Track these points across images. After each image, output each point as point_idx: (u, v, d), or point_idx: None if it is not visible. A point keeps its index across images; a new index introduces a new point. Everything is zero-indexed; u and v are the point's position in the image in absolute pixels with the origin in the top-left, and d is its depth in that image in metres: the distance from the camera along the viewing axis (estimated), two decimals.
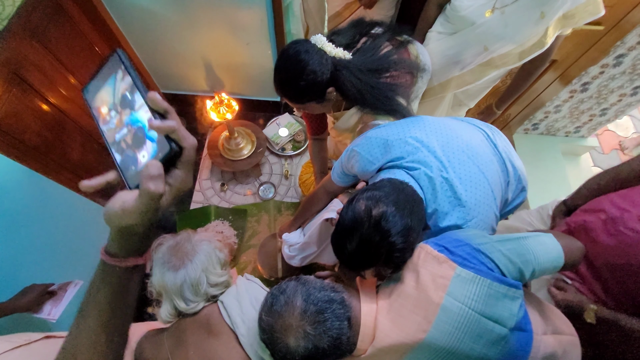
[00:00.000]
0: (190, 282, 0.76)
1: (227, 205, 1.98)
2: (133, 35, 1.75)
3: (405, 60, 1.00)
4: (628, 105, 1.77)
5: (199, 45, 1.77)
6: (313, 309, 0.63)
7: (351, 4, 1.79)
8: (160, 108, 0.37)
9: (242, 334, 0.74)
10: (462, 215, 0.76)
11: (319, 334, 0.62)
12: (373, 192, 0.69)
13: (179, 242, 0.82)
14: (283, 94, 0.96)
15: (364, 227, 0.66)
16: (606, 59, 1.53)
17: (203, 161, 2.10)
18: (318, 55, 0.87)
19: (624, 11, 1.32)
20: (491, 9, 1.04)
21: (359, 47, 0.93)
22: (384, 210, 0.66)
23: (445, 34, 1.20)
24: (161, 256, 0.80)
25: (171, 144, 0.36)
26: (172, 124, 0.36)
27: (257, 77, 1.96)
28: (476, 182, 0.77)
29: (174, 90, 2.14)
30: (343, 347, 0.65)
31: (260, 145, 1.96)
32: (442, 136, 0.81)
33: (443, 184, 0.76)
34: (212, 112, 1.68)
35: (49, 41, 1.37)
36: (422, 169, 0.76)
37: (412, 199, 0.70)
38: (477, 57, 1.16)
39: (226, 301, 0.79)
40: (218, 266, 0.82)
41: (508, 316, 0.61)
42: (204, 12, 1.56)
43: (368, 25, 0.99)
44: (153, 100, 0.36)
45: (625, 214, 0.82)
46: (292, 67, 0.87)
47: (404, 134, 0.82)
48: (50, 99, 1.40)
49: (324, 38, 0.90)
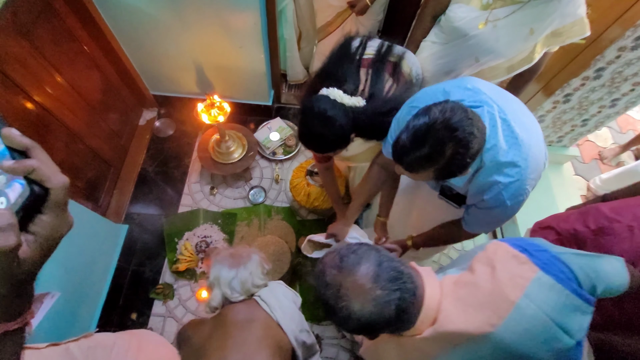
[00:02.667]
0: (240, 279, 0.99)
1: (216, 209, 1.95)
2: (123, 35, 1.73)
3: (407, 91, 1.03)
4: (607, 116, 1.84)
5: (190, 47, 1.76)
6: (385, 275, 0.63)
7: (342, 12, 1.82)
8: (18, 145, 0.32)
9: (281, 317, 0.96)
10: (519, 152, 0.79)
11: (387, 301, 0.61)
12: (445, 105, 0.73)
13: (237, 250, 1.07)
14: (313, 149, 1.04)
15: (437, 122, 0.71)
16: (587, 71, 1.59)
17: (193, 164, 2.07)
18: (341, 110, 0.92)
19: (603, 28, 1.39)
20: (484, 22, 1.07)
21: (367, 89, 0.99)
22: (456, 114, 0.71)
23: (438, 44, 1.23)
24: (221, 258, 1.04)
25: (32, 187, 0.32)
26: (28, 164, 0.31)
27: (249, 80, 1.96)
28: (530, 128, 0.82)
29: (165, 92, 2.12)
30: (404, 321, 0.65)
31: (251, 149, 1.95)
32: (494, 89, 0.86)
33: (502, 122, 0.79)
34: (204, 114, 1.67)
35: (35, 38, 1.33)
36: (484, 107, 0.80)
37: (478, 120, 0.75)
38: (468, 68, 1.19)
39: (263, 295, 1.00)
40: (262, 273, 1.06)
41: (578, 329, 0.61)
42: (197, 13, 1.55)
43: (360, 48, 1.05)
44: (8, 137, 0.32)
45: (615, 224, 0.85)
46: (321, 126, 0.93)
47: (461, 83, 0.87)
48: (35, 97, 1.36)
49: (340, 91, 0.94)
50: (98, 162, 1.81)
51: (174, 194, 1.99)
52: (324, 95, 0.95)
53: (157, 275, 1.77)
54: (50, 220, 0.34)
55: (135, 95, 2.08)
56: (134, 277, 1.76)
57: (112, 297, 1.68)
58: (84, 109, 1.67)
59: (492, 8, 1.06)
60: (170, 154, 2.11)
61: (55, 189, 0.33)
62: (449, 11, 1.15)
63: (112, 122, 1.90)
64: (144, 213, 1.93)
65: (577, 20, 1.01)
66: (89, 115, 1.71)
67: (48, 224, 0.34)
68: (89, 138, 1.70)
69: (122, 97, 1.99)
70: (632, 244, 0.86)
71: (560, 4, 0.97)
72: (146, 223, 1.90)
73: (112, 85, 1.89)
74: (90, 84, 1.71)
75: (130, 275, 1.77)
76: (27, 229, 0.33)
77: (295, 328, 0.98)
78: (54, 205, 0.34)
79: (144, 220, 1.91)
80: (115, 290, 1.70)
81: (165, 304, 1.70)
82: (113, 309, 1.67)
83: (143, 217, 1.92)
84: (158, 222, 1.90)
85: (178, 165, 2.08)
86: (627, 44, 1.45)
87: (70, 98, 1.58)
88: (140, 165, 2.05)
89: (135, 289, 1.74)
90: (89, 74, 1.70)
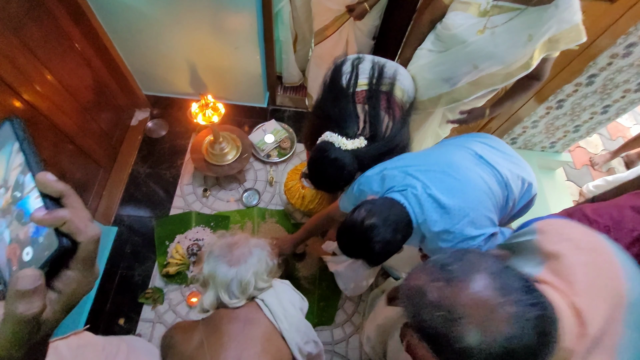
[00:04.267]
0: (240, 281, 0.83)
1: (209, 211, 1.92)
2: (116, 34, 1.70)
3: (402, 126, 1.10)
4: (599, 123, 1.87)
5: (185, 47, 1.74)
6: (515, 284, 0.46)
7: (340, 17, 1.82)
8: (52, 191, 0.30)
9: (285, 328, 0.84)
10: (449, 220, 0.89)
11: (527, 320, 0.44)
12: (372, 206, 0.87)
13: (237, 241, 0.89)
14: (324, 190, 1.18)
15: (355, 230, 0.85)
16: (580, 77, 1.62)
17: (185, 165, 2.04)
18: (346, 156, 1.01)
19: (595, 35, 1.41)
20: (482, 29, 1.08)
21: (367, 128, 1.06)
22: (373, 222, 0.84)
23: (435, 52, 1.23)
24: (218, 249, 0.86)
25: (61, 240, 0.28)
26: (61, 215, 0.28)
27: (244, 82, 1.94)
28: (458, 191, 0.91)
29: (158, 92, 2.09)
30: (549, 345, 0.46)
31: (246, 151, 1.92)
32: (421, 164, 0.99)
33: (427, 198, 0.90)
34: (198, 115, 1.65)
35: (25, 35, 1.30)
36: (408, 189, 0.92)
37: (398, 218, 0.87)
38: (466, 75, 1.19)
39: (267, 299, 0.86)
40: (266, 273, 0.89)
41: None
42: (192, 12, 1.54)
43: (352, 79, 1.11)
44: (43, 182, 0.29)
45: (594, 225, 0.86)
46: (332, 173, 1.03)
47: (394, 169, 1.00)
48: (23, 96, 1.32)
49: (343, 138, 1.02)
50: (88, 163, 1.76)
51: (166, 196, 1.95)
52: (329, 142, 1.03)
53: (146, 279, 1.72)
54: (77, 276, 0.30)
55: (127, 95, 2.05)
56: (122, 281, 1.72)
57: (99, 302, 1.63)
58: (75, 108, 1.63)
59: (489, 15, 1.07)
60: (163, 155, 2.07)
61: (85, 242, 0.30)
62: (446, 19, 1.15)
63: (103, 122, 1.86)
64: (134, 215, 1.88)
65: (574, 26, 1.01)
66: (80, 115, 1.67)
67: (74, 280, 0.30)
68: (79, 138, 1.66)
69: (114, 97, 1.96)
70: None
71: (557, 10, 0.98)
72: (136, 225, 1.86)
73: (104, 85, 1.85)
74: (82, 83, 1.68)
75: (118, 279, 1.72)
76: (51, 285, 0.29)
77: (300, 340, 0.87)
78: (83, 260, 0.30)
79: (134, 222, 1.86)
80: (102, 294, 1.65)
81: (155, 309, 1.65)
82: (100, 315, 1.62)
83: (133, 220, 1.87)
84: (149, 224, 1.86)
85: (170, 166, 2.04)
86: (619, 51, 1.47)
87: (61, 97, 1.54)
88: (131, 166, 2.01)
89: (123, 293, 1.69)
90: (80, 73, 1.66)
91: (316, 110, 1.15)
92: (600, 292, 0.50)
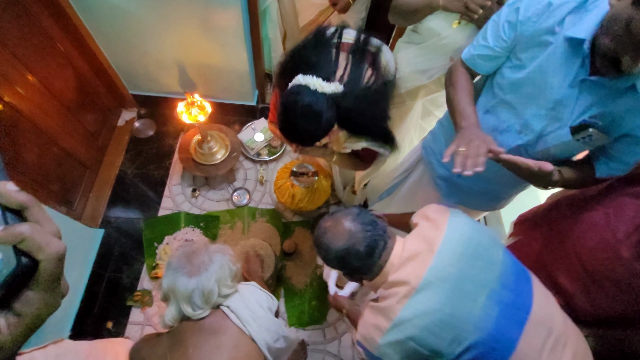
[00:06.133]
0: (202, 290, 0.80)
1: (198, 211, 1.90)
2: (99, 32, 1.67)
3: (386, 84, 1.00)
4: None
5: (171, 45, 1.71)
6: (363, 219, 0.80)
7: (325, 10, 1.80)
8: (13, 203, 0.27)
9: (255, 330, 0.83)
10: None
11: (360, 237, 0.77)
12: None
13: (196, 250, 0.86)
14: (298, 143, 1.00)
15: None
16: None
17: (174, 166, 2.01)
18: (324, 101, 0.87)
19: None
20: (458, 21, 1.07)
21: (346, 75, 0.93)
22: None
23: (413, 45, 1.23)
24: (176, 261, 0.84)
25: (19, 258, 0.26)
26: (17, 232, 0.26)
27: (232, 80, 1.91)
28: None
29: (144, 91, 2.05)
30: (373, 257, 0.78)
31: (235, 150, 1.90)
32: None
33: None
34: (184, 114, 1.62)
35: (2, 33, 1.27)
36: None
37: None
38: (443, 67, 1.18)
39: (233, 305, 0.85)
40: (229, 278, 0.87)
41: None
42: (177, 9, 1.51)
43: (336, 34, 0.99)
44: (2, 193, 0.27)
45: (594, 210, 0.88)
46: (307, 122, 0.88)
47: None
48: (4, 97, 1.29)
49: (319, 79, 0.88)
50: (73, 165, 1.73)
51: (154, 197, 1.92)
52: (303, 85, 0.88)
53: (135, 282, 1.70)
54: (40, 296, 0.28)
55: (113, 94, 2.01)
56: (110, 283, 1.69)
57: (87, 306, 1.60)
58: (58, 109, 1.60)
59: None
60: (150, 156, 2.04)
61: (46, 260, 0.27)
62: None
63: (88, 123, 1.83)
64: (122, 217, 1.86)
65: None
66: (63, 116, 1.63)
67: (36, 301, 0.28)
68: (63, 139, 1.63)
69: (99, 97, 1.92)
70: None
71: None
72: (124, 227, 1.83)
73: (88, 85, 1.82)
74: (64, 83, 1.64)
75: (106, 282, 1.69)
76: (11, 308, 0.27)
77: (270, 339, 0.87)
78: (45, 280, 0.28)
79: (122, 224, 1.84)
80: (90, 298, 1.62)
81: (144, 312, 1.63)
82: (87, 318, 1.59)
83: (121, 221, 1.84)
84: (137, 225, 1.83)
85: (158, 167, 2.01)
86: None
87: (43, 98, 1.51)
88: (118, 167, 1.98)
89: (111, 296, 1.66)
90: (63, 73, 1.63)
91: (290, 55, 1.00)
92: (423, 238, 0.78)
